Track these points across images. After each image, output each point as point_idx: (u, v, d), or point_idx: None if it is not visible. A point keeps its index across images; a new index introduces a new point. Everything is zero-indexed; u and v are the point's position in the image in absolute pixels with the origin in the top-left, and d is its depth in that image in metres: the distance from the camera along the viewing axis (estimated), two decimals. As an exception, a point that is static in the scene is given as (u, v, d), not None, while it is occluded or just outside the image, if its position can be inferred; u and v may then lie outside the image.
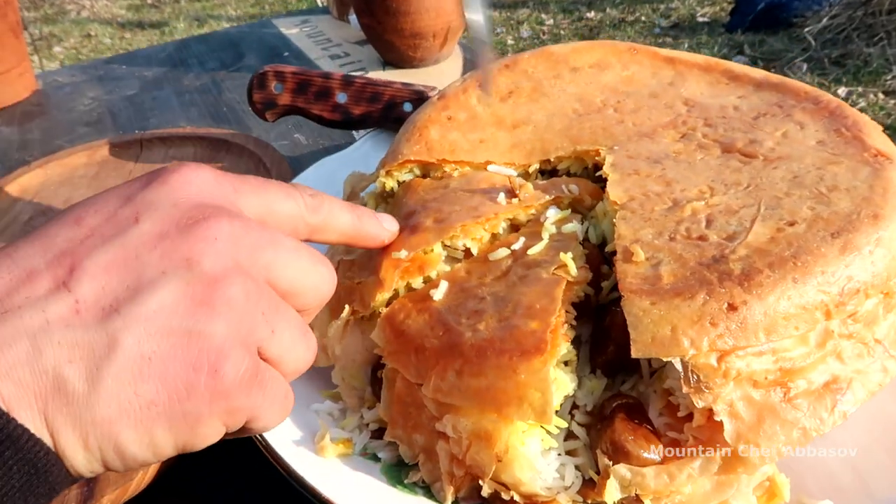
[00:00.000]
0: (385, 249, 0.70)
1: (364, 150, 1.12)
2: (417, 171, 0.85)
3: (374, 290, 0.70)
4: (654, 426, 0.61)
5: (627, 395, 0.63)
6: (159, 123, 1.48)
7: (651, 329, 0.57)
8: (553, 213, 0.75)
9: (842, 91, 4.04)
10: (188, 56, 1.83)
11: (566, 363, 0.63)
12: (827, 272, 0.58)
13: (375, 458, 0.67)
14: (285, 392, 0.49)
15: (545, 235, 0.71)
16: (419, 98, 1.11)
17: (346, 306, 0.71)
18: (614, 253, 0.67)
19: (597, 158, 0.80)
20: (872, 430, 0.65)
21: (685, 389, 0.57)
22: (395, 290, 0.70)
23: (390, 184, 0.86)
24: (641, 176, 0.74)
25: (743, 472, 0.57)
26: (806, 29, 4.61)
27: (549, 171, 0.85)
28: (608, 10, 5.69)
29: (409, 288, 0.71)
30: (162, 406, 0.42)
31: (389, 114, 1.12)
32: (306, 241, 0.55)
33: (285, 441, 0.66)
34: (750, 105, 0.84)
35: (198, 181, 0.48)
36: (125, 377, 0.40)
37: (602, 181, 0.77)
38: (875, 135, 0.75)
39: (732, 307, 0.57)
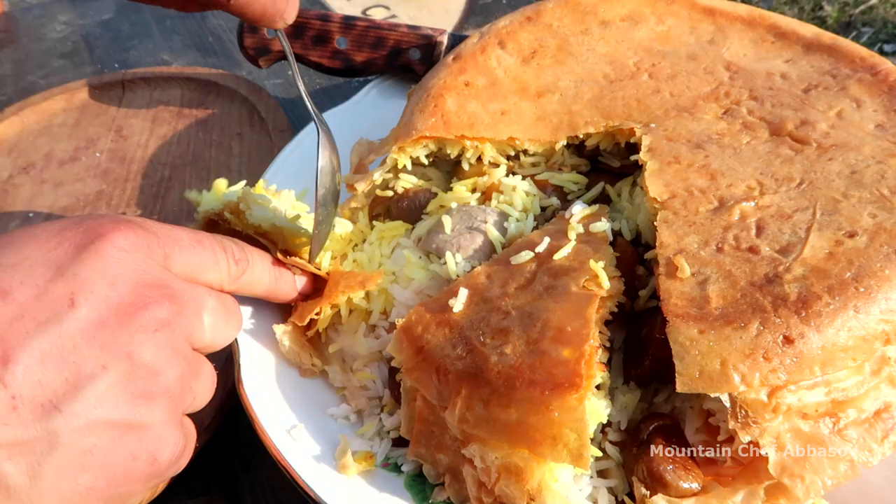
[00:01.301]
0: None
1: (368, 101, 1.03)
2: (433, 147, 0.78)
3: (313, 305, 0.69)
4: (690, 445, 0.59)
5: (663, 415, 0.60)
6: (139, 56, 1.37)
7: (699, 362, 0.53)
8: (579, 209, 0.69)
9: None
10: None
11: (598, 387, 0.59)
12: (891, 299, 0.54)
13: (397, 469, 0.65)
14: (194, 433, 0.54)
15: (572, 236, 0.65)
16: (427, 43, 1.01)
17: (282, 324, 0.71)
18: (653, 258, 0.62)
19: (631, 138, 0.73)
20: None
21: (732, 425, 0.54)
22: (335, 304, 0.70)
23: (403, 160, 0.79)
24: (683, 165, 0.68)
25: (786, 504, 0.55)
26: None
27: (577, 146, 0.78)
28: None
29: (350, 304, 0.71)
30: (100, 491, 0.43)
31: (395, 61, 1.02)
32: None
33: (305, 458, 0.63)
34: (799, 73, 0.76)
35: (131, 250, 0.48)
36: (66, 470, 0.41)
37: (635, 152, 0.71)
38: (940, 118, 0.68)
39: (789, 340, 0.53)
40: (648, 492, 0.56)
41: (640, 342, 0.62)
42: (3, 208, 1.01)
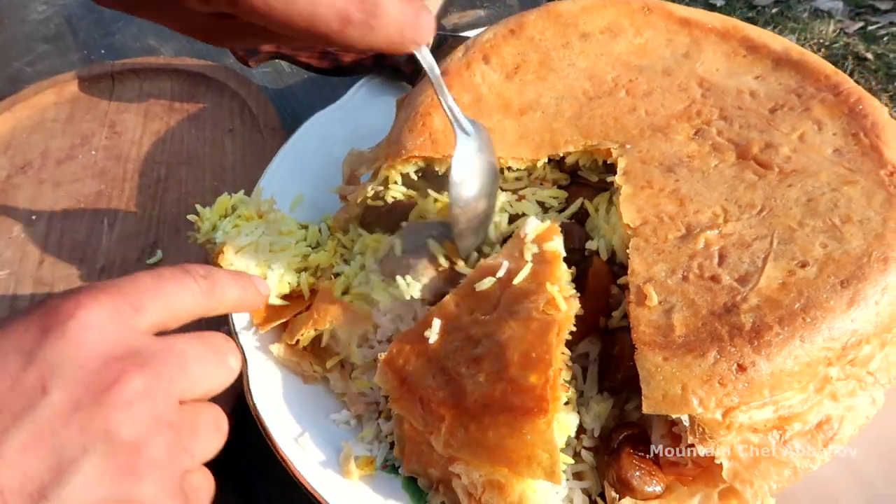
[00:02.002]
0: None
1: (358, 99, 1.06)
2: (421, 164, 0.82)
3: (303, 323, 0.77)
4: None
5: (632, 424, 0.68)
6: (125, 41, 1.37)
7: (663, 387, 0.60)
8: (532, 227, 0.73)
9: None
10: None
11: (566, 403, 0.65)
12: (833, 329, 0.60)
13: (395, 470, 0.72)
14: (208, 485, 0.53)
15: (528, 256, 0.70)
16: (413, 44, 1.03)
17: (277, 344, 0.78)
18: (625, 284, 0.68)
19: (608, 158, 0.78)
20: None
21: (690, 440, 0.61)
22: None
23: (394, 176, 0.83)
24: (655, 190, 0.73)
25: (736, 505, 0.62)
26: None
27: (558, 162, 0.83)
28: None
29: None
30: None
31: (382, 61, 1.05)
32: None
33: (313, 465, 0.70)
34: (767, 91, 0.80)
35: (97, 323, 0.47)
36: None
37: (612, 169, 0.76)
38: (893, 142, 0.73)
39: (742, 368, 0.59)
40: (618, 495, 0.64)
41: (612, 358, 0.69)
42: (4, 210, 1.05)
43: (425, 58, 0.61)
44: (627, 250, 0.69)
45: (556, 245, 0.70)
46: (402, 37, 0.52)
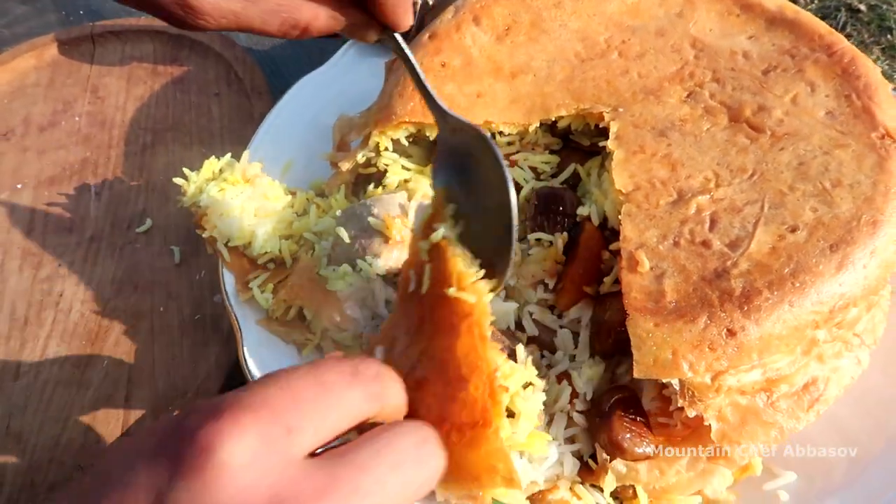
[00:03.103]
0: None
1: (346, 61, 1.04)
2: (412, 129, 0.81)
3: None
4: (647, 411, 0.68)
5: (623, 387, 0.69)
6: (102, 2, 1.33)
7: (654, 352, 0.61)
8: (415, 218, 0.73)
9: None
10: None
11: (527, 386, 0.57)
12: (822, 293, 0.61)
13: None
14: None
15: (423, 255, 0.58)
16: (402, 4, 1.01)
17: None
18: (617, 250, 0.68)
19: (600, 122, 0.77)
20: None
21: (680, 403, 0.62)
22: None
23: (384, 142, 0.82)
24: (647, 155, 0.72)
25: (724, 465, 0.64)
26: None
27: (549, 126, 0.82)
28: None
29: None
30: None
31: (370, 22, 1.02)
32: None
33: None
34: (760, 52, 0.79)
35: (240, 460, 0.36)
36: None
37: (605, 132, 0.75)
38: (886, 103, 0.73)
39: (731, 333, 0.60)
40: (608, 457, 0.65)
41: (604, 322, 0.70)
42: (-11, 179, 1.03)
43: (403, 44, 0.60)
44: (619, 216, 0.69)
45: (440, 234, 0.57)
46: (396, 11, 0.53)
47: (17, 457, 0.76)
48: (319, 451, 0.41)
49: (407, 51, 0.60)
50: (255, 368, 0.75)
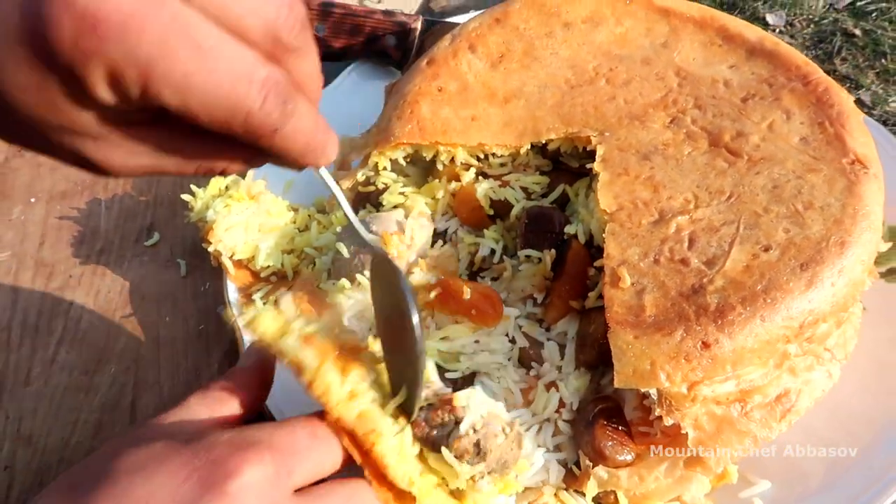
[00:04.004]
0: None
1: (349, 84, 1.09)
2: (410, 150, 0.86)
3: None
4: (628, 422, 0.71)
5: (606, 397, 0.72)
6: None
7: (633, 363, 0.65)
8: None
9: None
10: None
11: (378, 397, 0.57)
12: (791, 308, 0.65)
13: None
14: None
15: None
16: (402, 30, 1.06)
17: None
18: (601, 267, 0.72)
19: (588, 146, 0.82)
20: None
21: (658, 412, 0.66)
22: None
23: (383, 162, 0.86)
24: (631, 177, 0.77)
25: (701, 472, 0.68)
26: None
27: (540, 149, 0.86)
28: None
29: None
30: None
31: (371, 47, 1.07)
32: None
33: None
34: (740, 80, 0.84)
35: (257, 487, 0.47)
36: None
37: (592, 155, 0.80)
38: (856, 131, 0.77)
39: (706, 345, 0.64)
40: (591, 463, 0.69)
41: (588, 336, 0.74)
42: (4, 193, 1.07)
43: (324, 176, 0.57)
44: (604, 234, 0.73)
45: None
46: (305, 153, 0.46)
47: (28, 458, 0.79)
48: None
49: (330, 182, 0.58)
50: (256, 376, 0.79)
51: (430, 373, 0.63)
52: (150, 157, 0.44)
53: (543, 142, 0.84)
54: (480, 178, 0.86)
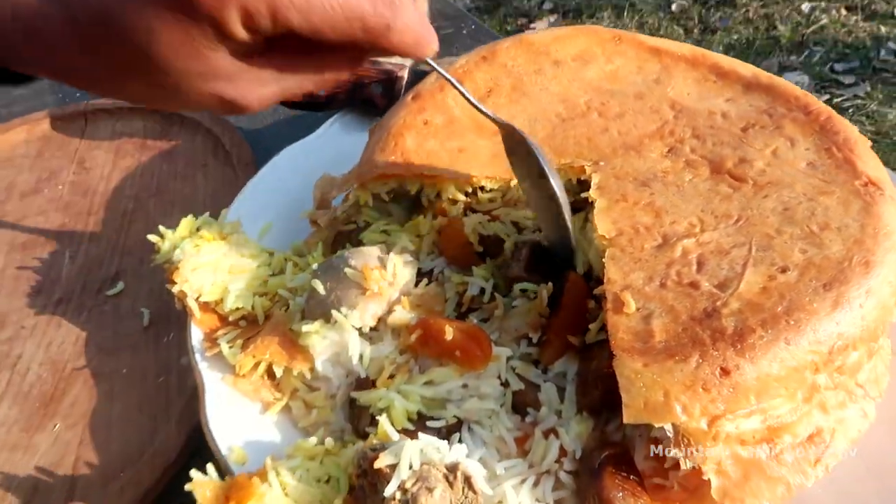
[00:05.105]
0: None
1: (332, 134, 1.06)
2: (393, 184, 0.81)
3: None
4: (640, 471, 0.62)
5: (614, 443, 0.63)
6: (103, 86, 1.37)
7: (644, 394, 0.57)
8: None
9: (805, 6, 3.98)
10: None
11: None
12: (818, 331, 0.58)
13: None
14: None
15: None
16: (388, 79, 1.04)
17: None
18: (601, 293, 0.66)
19: (582, 176, 0.77)
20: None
21: (674, 452, 0.57)
22: None
23: (364, 197, 0.81)
24: (629, 203, 0.71)
25: (727, 529, 0.58)
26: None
27: (531, 183, 0.81)
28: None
29: None
30: None
31: (357, 95, 1.05)
32: None
33: (270, 494, 0.64)
34: (738, 112, 0.80)
35: None
36: None
37: (587, 187, 0.74)
38: (866, 156, 0.73)
39: (725, 371, 0.56)
40: (600, 518, 0.59)
41: (590, 373, 0.66)
42: (-37, 243, 1.01)
43: (433, 65, 0.63)
44: (603, 259, 0.66)
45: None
46: (417, 44, 0.53)
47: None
48: None
49: (441, 70, 0.66)
50: (216, 428, 0.70)
51: (383, 423, 0.63)
52: (276, 82, 0.51)
53: (535, 174, 0.79)
54: (469, 212, 0.80)
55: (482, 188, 0.80)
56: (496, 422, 0.68)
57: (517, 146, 0.70)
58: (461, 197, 0.81)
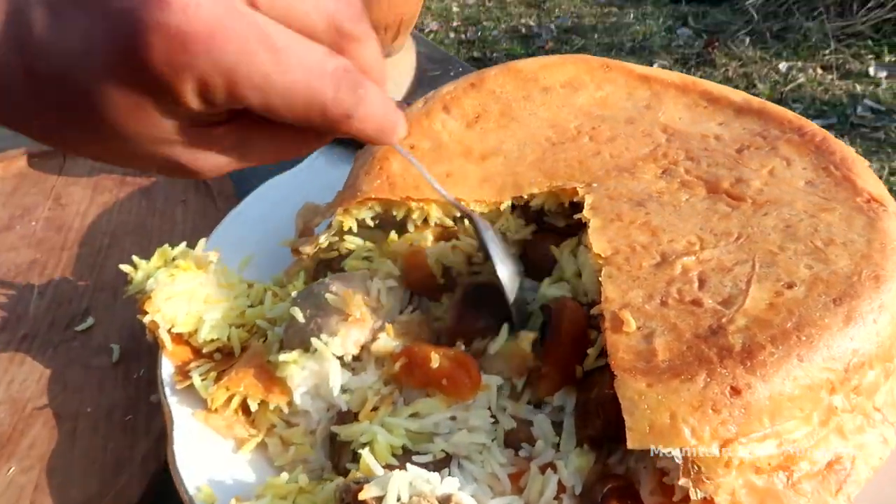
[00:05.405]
0: None
1: (315, 168, 1.03)
2: (378, 209, 0.78)
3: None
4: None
5: (618, 476, 0.58)
6: (84, 126, 1.34)
7: (648, 416, 0.52)
8: None
9: (783, 66, 4.09)
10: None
11: None
12: (832, 347, 0.54)
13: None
14: None
15: None
16: (375, 111, 1.02)
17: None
18: (600, 315, 0.62)
19: (574, 198, 0.74)
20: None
21: (683, 481, 0.52)
22: None
23: (348, 223, 0.78)
24: (625, 223, 0.68)
25: (745, 569, 0.53)
26: (748, 1, 4.64)
27: (522, 207, 0.78)
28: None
29: None
30: None
31: (342, 128, 1.03)
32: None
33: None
34: (732, 135, 0.79)
35: None
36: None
37: (579, 212, 0.71)
38: (865, 174, 0.71)
39: (736, 391, 0.52)
40: (604, 557, 0.54)
41: (590, 402, 0.61)
42: (-72, 280, 0.96)
43: (400, 151, 0.62)
44: (600, 279, 0.63)
45: None
46: (381, 131, 0.49)
47: None
48: None
49: (408, 156, 0.63)
50: (184, 467, 0.64)
51: (366, 457, 0.59)
52: (234, 153, 0.47)
53: (525, 198, 0.76)
54: (442, 242, 0.76)
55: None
56: (488, 457, 0.63)
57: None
58: (448, 223, 0.78)
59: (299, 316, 0.70)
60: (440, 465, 0.62)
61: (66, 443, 0.74)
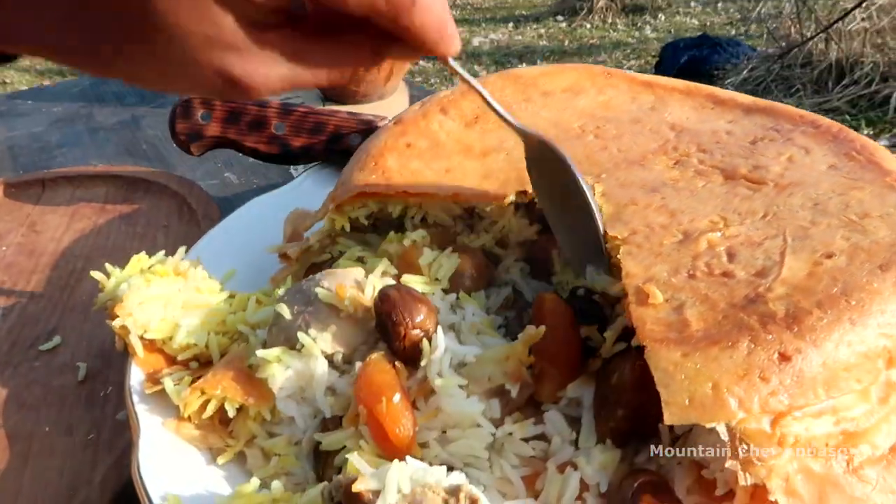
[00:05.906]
0: None
1: (304, 188, 0.98)
2: (374, 207, 0.73)
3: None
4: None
5: (648, 470, 0.51)
6: (66, 162, 1.31)
7: (687, 387, 0.45)
8: None
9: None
10: (105, 91, 1.66)
11: None
12: (887, 311, 0.48)
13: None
14: None
15: None
16: (368, 129, 0.99)
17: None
18: (618, 300, 0.56)
19: (583, 188, 0.69)
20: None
21: (730, 464, 0.45)
22: None
23: (340, 222, 0.72)
24: (640, 206, 0.63)
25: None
26: (727, 80, 4.80)
27: (526, 206, 0.74)
28: (538, 61, 5.80)
29: None
30: None
31: (334, 147, 0.99)
32: None
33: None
34: (743, 130, 0.75)
35: None
36: None
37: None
38: (889, 158, 0.67)
39: (785, 357, 0.46)
40: (641, 561, 0.45)
41: (610, 392, 0.54)
42: None
43: (454, 66, 0.55)
44: (617, 257, 0.57)
45: None
46: (441, 34, 0.47)
47: None
48: None
49: (462, 71, 0.56)
50: (150, 478, 0.55)
51: (353, 460, 0.51)
52: (287, 66, 0.45)
53: (531, 194, 0.71)
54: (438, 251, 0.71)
55: (472, 213, 0.72)
56: (496, 460, 0.55)
57: (543, 158, 0.62)
58: (448, 222, 0.73)
59: (285, 312, 0.63)
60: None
61: (17, 465, 0.65)
